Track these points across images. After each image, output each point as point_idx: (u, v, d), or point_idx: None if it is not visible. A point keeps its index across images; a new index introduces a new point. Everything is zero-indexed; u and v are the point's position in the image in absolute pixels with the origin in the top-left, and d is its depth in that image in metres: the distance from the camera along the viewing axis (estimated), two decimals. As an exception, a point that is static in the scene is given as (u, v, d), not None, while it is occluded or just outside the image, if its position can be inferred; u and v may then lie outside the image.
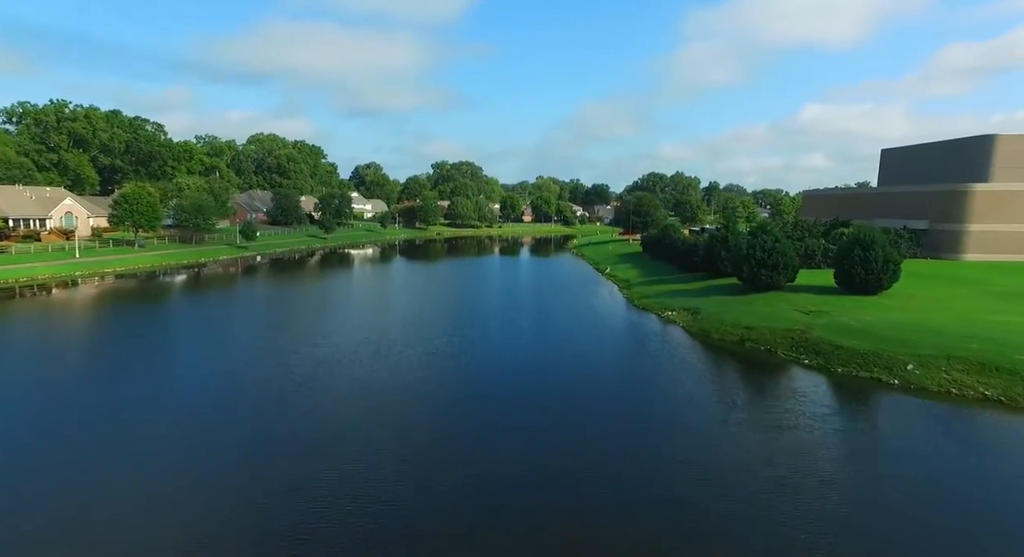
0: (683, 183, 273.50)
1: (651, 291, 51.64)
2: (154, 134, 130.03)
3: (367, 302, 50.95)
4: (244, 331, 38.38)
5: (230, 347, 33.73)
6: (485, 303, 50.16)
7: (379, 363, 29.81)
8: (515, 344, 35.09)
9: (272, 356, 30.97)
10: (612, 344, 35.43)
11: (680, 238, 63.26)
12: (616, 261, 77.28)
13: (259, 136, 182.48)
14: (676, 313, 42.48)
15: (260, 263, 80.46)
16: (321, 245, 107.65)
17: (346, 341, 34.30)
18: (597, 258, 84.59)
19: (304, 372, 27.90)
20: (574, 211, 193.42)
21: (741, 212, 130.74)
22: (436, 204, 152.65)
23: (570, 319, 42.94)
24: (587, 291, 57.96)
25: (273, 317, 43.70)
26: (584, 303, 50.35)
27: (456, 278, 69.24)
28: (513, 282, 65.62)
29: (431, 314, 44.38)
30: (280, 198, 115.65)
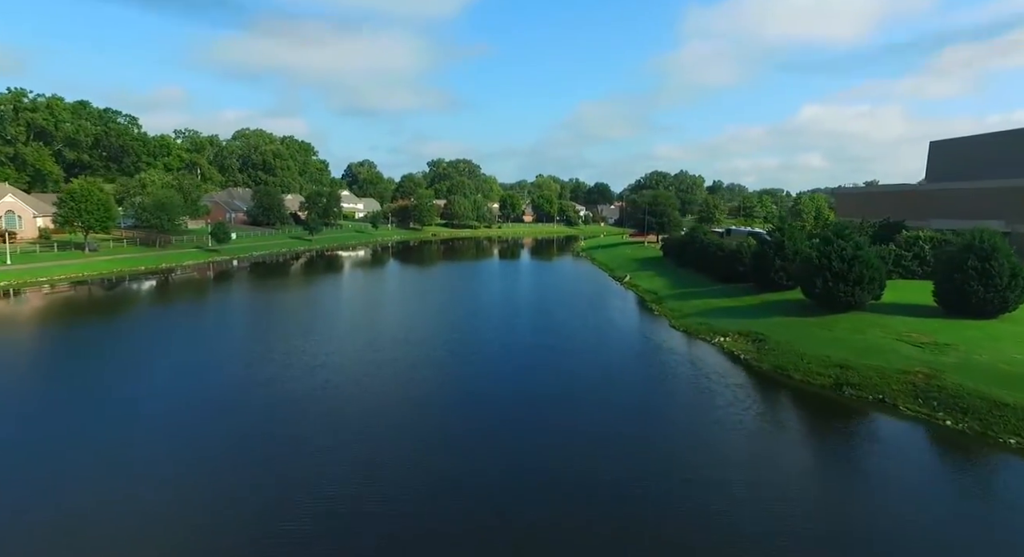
0: (687, 182, 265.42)
1: (689, 308, 42.49)
2: (127, 127, 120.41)
3: (338, 326, 41.65)
4: (165, 369, 29.13)
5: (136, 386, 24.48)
6: (490, 325, 40.93)
7: (333, 444, 20.58)
8: (532, 398, 25.93)
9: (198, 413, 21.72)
10: (661, 393, 26.22)
11: (715, 242, 54.10)
12: (635, 267, 68.13)
13: (245, 131, 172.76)
14: (732, 340, 33.35)
15: (232, 269, 71.09)
16: (304, 247, 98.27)
17: (294, 386, 25.10)
18: (611, 263, 75.45)
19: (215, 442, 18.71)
20: (577, 211, 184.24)
21: (759, 212, 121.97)
22: (432, 203, 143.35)
23: (598, 349, 33.79)
24: (609, 305, 48.82)
25: (220, 346, 34.40)
26: (609, 322, 41.19)
27: (453, 289, 59.99)
28: (520, 294, 56.40)
29: (417, 348, 35.13)
30: (261, 196, 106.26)
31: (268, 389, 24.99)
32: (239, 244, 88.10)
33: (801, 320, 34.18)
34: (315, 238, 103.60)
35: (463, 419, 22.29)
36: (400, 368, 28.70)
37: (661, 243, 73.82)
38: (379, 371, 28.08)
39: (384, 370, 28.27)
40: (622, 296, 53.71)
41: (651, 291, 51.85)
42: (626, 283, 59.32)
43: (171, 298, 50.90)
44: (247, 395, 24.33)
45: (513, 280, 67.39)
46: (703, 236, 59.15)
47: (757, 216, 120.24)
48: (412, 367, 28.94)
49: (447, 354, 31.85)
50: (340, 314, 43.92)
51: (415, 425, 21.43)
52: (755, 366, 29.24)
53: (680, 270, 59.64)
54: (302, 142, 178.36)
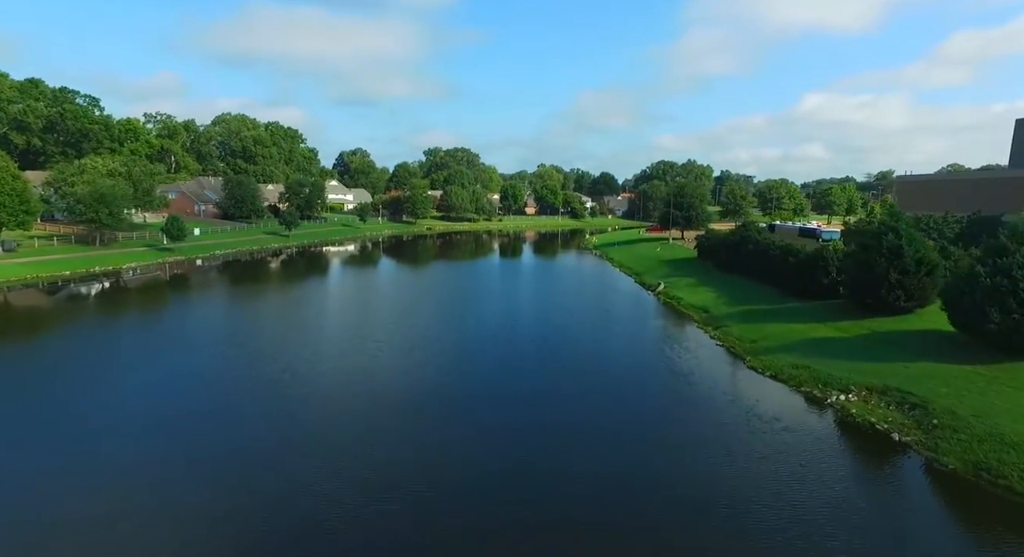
0: (695, 172, 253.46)
1: (764, 338, 31.06)
2: (85, 109, 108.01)
3: (286, 370, 30.12)
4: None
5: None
6: (488, 371, 29.46)
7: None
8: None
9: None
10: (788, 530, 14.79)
11: (781, 244, 42.55)
12: (666, 272, 56.58)
13: (225, 116, 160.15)
14: (863, 402, 22.00)
15: (185, 273, 59.47)
16: (280, 245, 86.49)
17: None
18: (634, 265, 63.89)
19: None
20: (583, 202, 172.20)
21: (787, 204, 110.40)
22: (427, 194, 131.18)
23: (656, 420, 22.38)
24: (649, 330, 37.34)
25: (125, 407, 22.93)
26: (660, 361, 29.71)
27: (447, 302, 48.43)
28: (528, 314, 44.84)
29: (391, 417, 23.76)
30: (232, 186, 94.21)
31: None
32: (201, 242, 76.37)
33: (968, 370, 22.78)
34: (294, 233, 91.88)
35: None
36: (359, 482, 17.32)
37: (695, 242, 62.28)
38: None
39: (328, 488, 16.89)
40: (660, 313, 42.21)
41: (698, 308, 40.33)
42: (660, 294, 47.79)
43: (75, 319, 39.32)
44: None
45: (518, 291, 55.77)
46: (757, 235, 47.57)
47: (785, 208, 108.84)
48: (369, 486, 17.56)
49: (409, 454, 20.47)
50: (293, 348, 32.43)
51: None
52: (931, 461, 17.85)
53: (728, 277, 48.11)
54: (288, 128, 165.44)
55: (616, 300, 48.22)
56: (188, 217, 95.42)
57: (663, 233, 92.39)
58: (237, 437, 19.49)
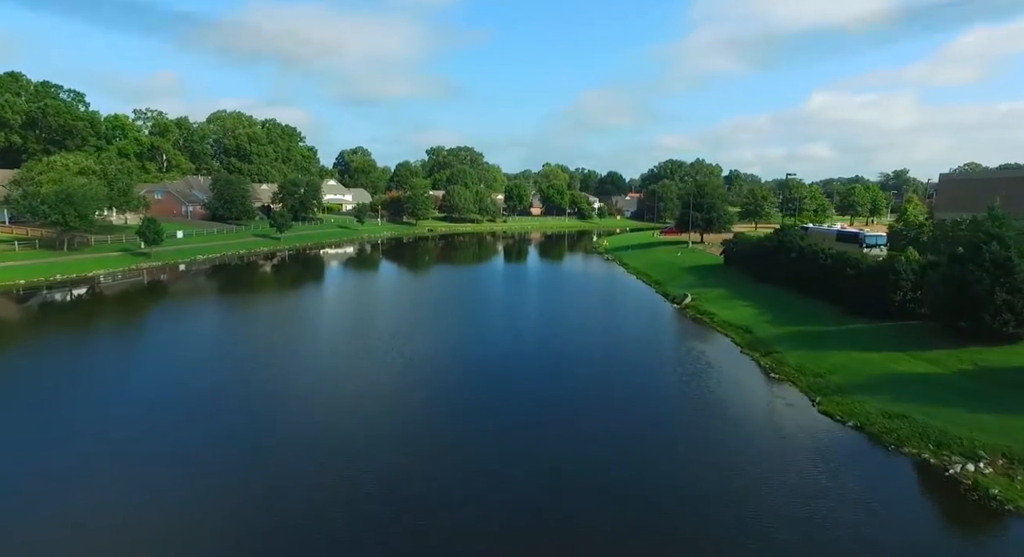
0: (704, 171, 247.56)
1: (826, 367, 25.14)
2: (69, 104, 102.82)
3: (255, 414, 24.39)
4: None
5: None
6: (498, 403, 23.68)
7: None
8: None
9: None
10: None
11: (836, 253, 36.57)
12: (690, 281, 50.65)
13: (221, 114, 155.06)
14: (1008, 478, 16.05)
15: (161, 281, 54.00)
16: (270, 248, 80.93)
17: None
18: (652, 272, 57.94)
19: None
20: (591, 202, 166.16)
21: (808, 204, 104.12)
22: (428, 194, 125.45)
23: (700, 474, 16.44)
24: (678, 353, 31.44)
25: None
26: (695, 393, 23.82)
27: (446, 317, 42.65)
28: (537, 326, 38.97)
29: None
30: (221, 186, 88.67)
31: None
32: (183, 245, 70.86)
33: None
34: (285, 236, 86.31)
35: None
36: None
37: (721, 247, 56.34)
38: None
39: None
40: (690, 332, 36.27)
41: (737, 326, 34.38)
42: (688, 308, 41.84)
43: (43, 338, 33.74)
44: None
45: (525, 304, 49.93)
46: (800, 240, 41.57)
47: (807, 209, 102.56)
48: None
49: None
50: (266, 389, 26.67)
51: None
52: None
53: (765, 289, 42.15)
54: (286, 126, 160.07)
55: (637, 315, 42.32)
56: (175, 218, 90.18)
57: (679, 236, 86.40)
58: (217, 511, 13.75)
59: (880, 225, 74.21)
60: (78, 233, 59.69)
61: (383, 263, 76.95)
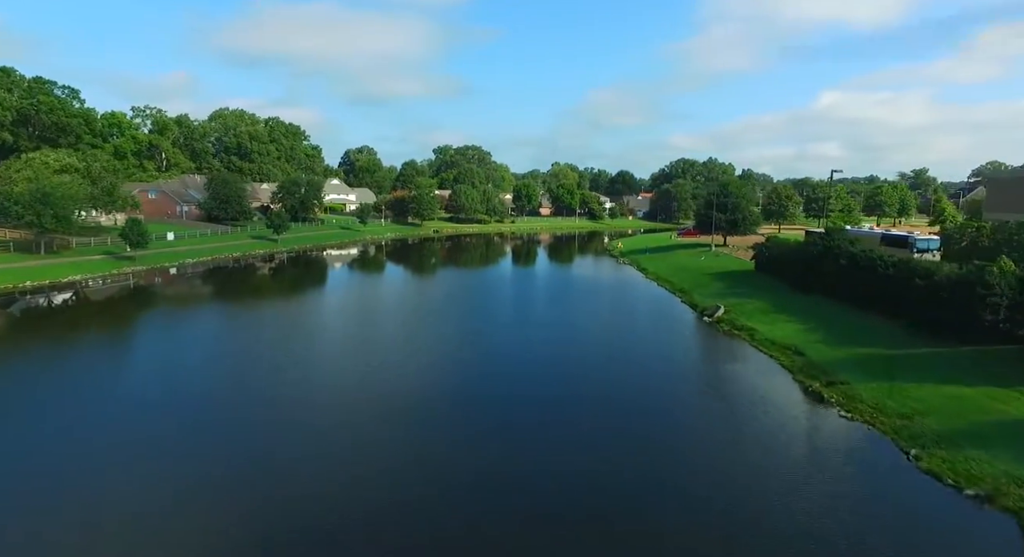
0: (717, 170, 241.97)
1: (913, 406, 20.41)
2: (62, 101, 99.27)
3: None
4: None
5: None
6: (506, 437, 19.17)
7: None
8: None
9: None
10: None
11: (892, 260, 31.62)
12: (719, 289, 45.78)
13: (223, 112, 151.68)
14: None
15: (145, 286, 49.91)
16: (267, 251, 76.81)
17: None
18: (675, 278, 53.08)
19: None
20: (602, 202, 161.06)
21: (833, 205, 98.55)
22: (433, 194, 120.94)
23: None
24: (719, 380, 26.68)
25: None
26: (748, 437, 19.07)
27: (448, 330, 38.11)
28: (550, 340, 34.32)
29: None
30: (217, 185, 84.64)
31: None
32: (173, 248, 66.87)
33: None
34: (283, 238, 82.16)
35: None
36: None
37: (752, 251, 51.39)
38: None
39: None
40: (729, 351, 31.46)
41: (784, 347, 29.55)
42: (721, 321, 37.00)
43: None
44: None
45: (536, 313, 45.32)
46: (851, 247, 36.59)
47: (832, 209, 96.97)
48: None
49: None
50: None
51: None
52: None
53: (810, 301, 37.20)
54: (290, 125, 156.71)
55: (663, 329, 37.56)
56: (170, 219, 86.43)
57: (699, 238, 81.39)
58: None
59: (918, 227, 68.79)
60: (57, 235, 55.77)
61: (383, 266, 72.54)
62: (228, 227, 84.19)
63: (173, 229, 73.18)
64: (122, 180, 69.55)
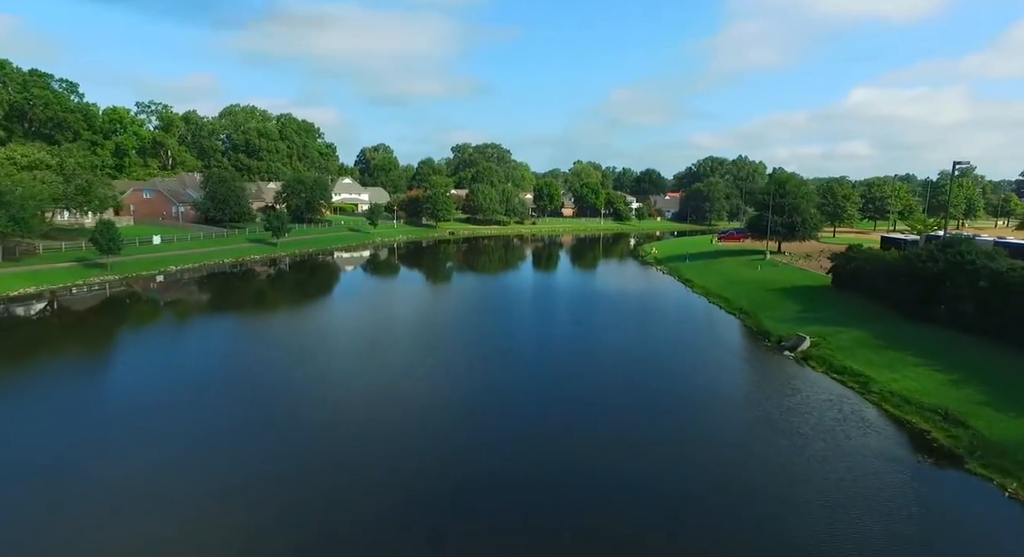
0: (747, 169, 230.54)
1: None
2: (60, 95, 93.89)
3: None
4: None
5: None
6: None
7: None
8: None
9: None
10: None
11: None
12: (794, 311, 36.83)
13: (233, 108, 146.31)
14: None
15: (115, 297, 42.90)
16: (264, 255, 69.81)
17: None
18: (730, 294, 44.25)
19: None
20: (628, 203, 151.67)
21: (892, 204, 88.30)
22: (449, 194, 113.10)
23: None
24: (842, 471, 17.95)
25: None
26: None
27: (460, 356, 29.95)
28: (584, 382, 25.99)
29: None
30: (214, 184, 77.90)
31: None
32: (158, 253, 60.12)
33: None
34: (283, 241, 75.16)
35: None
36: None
37: (829, 262, 42.33)
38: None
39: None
40: (841, 415, 22.66)
41: (932, 410, 20.77)
42: (810, 359, 28.21)
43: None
44: None
45: (565, 338, 36.97)
46: (988, 261, 27.50)
47: (890, 210, 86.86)
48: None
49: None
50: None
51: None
52: None
53: (934, 334, 28.19)
54: (303, 121, 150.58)
55: (728, 366, 28.95)
56: (164, 221, 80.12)
57: (742, 243, 72.15)
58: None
59: (985, 230, 58.73)
60: (19, 239, 49.25)
61: (391, 274, 64.86)
62: (226, 230, 77.52)
63: (161, 232, 66.56)
64: (101, 177, 62.90)
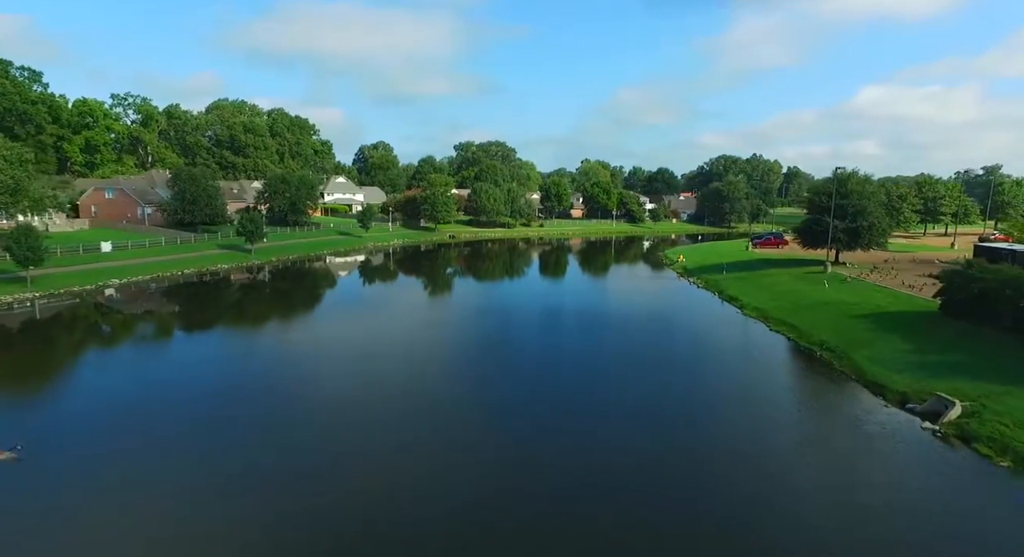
0: (762, 167, 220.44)
1: None
2: (18, 84, 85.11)
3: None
4: None
5: None
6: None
7: None
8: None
9: None
10: None
11: None
12: (901, 349, 27.33)
13: (221, 103, 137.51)
14: None
15: (22, 324, 33.92)
16: (235, 265, 60.82)
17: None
18: (793, 317, 34.85)
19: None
20: (642, 203, 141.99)
21: (945, 205, 78.72)
22: (449, 194, 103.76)
23: None
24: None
25: None
26: None
27: (449, 415, 20.59)
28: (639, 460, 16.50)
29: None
30: (183, 183, 68.87)
31: None
32: (106, 262, 51.18)
33: None
34: (262, 247, 66.21)
35: None
36: None
37: (928, 281, 32.94)
38: None
39: None
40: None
41: None
42: (973, 439, 18.90)
43: None
44: None
45: (592, 387, 27.61)
46: None
47: (944, 211, 77.27)
48: None
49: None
50: None
51: None
52: None
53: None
54: (296, 117, 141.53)
55: (840, 452, 19.62)
56: (129, 224, 71.39)
57: (781, 249, 62.72)
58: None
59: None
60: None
61: (380, 285, 55.70)
62: (196, 234, 68.62)
63: (115, 237, 57.74)
64: (35, 175, 53.73)
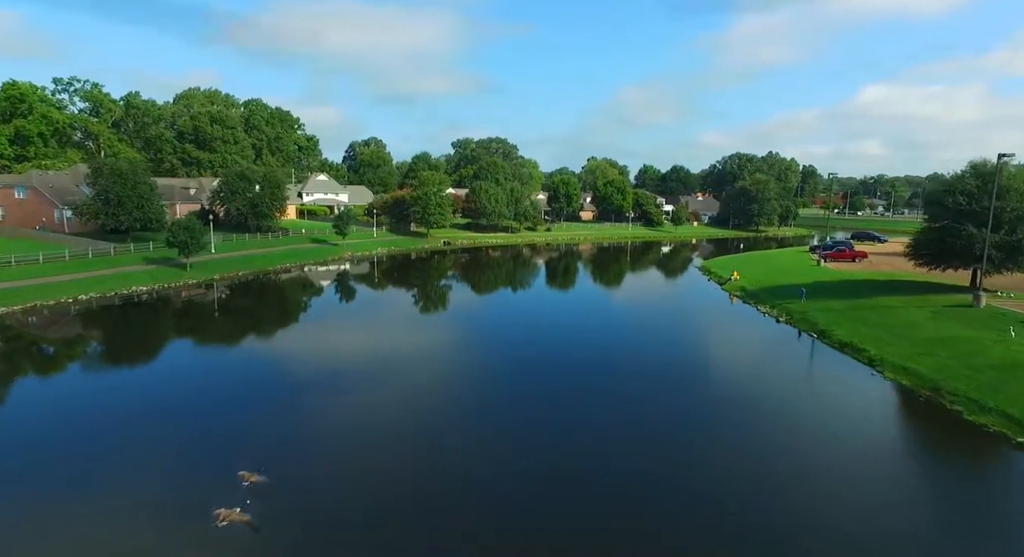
0: (779, 166, 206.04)
1: None
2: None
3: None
4: None
5: None
6: None
7: None
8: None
9: None
10: None
11: None
12: None
13: (191, 92, 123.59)
14: None
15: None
16: (159, 285, 46.71)
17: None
18: (989, 393, 20.80)
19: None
20: (659, 205, 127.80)
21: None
22: (444, 194, 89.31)
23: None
24: None
25: None
26: None
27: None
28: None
29: None
30: (105, 181, 54.59)
31: None
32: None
33: None
34: (206, 259, 52.15)
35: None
36: None
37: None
38: None
39: None
40: None
41: None
42: None
43: None
44: None
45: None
46: None
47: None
48: None
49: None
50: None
51: None
52: None
53: None
54: (276, 109, 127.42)
55: None
56: (39, 231, 57.31)
57: (858, 263, 48.60)
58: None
59: None
60: None
61: (352, 314, 41.53)
62: (121, 244, 54.49)
63: (8, 248, 43.62)
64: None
